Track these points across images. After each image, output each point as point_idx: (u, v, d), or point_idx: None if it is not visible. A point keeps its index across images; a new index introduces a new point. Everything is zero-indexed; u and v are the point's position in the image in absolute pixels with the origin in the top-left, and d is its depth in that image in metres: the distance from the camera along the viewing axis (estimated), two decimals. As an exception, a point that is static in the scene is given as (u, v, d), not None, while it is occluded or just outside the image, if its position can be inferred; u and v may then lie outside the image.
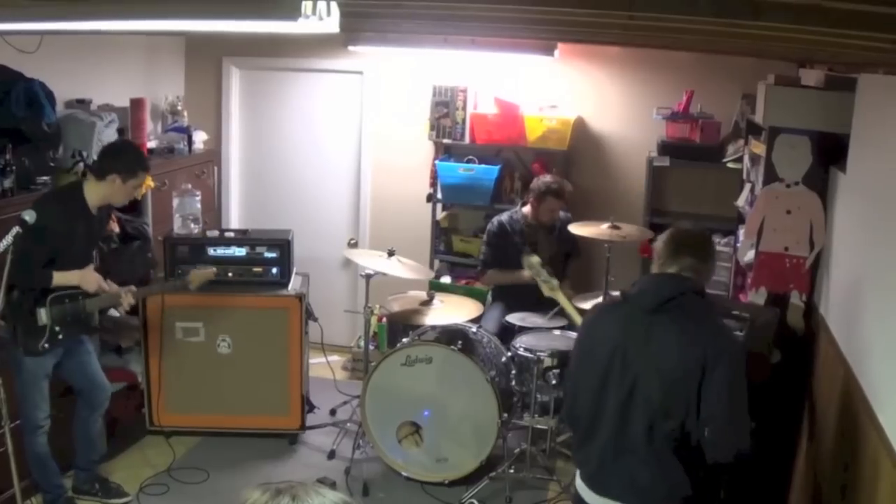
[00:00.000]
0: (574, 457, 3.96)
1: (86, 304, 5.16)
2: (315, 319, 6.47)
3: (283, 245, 6.39)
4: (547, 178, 6.61)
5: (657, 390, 3.49)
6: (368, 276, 6.23)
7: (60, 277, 5.03)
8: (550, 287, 5.14)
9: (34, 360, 5.03)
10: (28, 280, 4.91)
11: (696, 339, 3.48)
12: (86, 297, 5.15)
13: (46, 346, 5.02)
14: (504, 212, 6.86)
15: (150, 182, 6.30)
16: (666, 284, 3.64)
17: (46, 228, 4.80)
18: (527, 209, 6.69)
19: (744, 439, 3.48)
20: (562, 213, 6.75)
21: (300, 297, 6.30)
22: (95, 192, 5.17)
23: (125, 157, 5.26)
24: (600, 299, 6.00)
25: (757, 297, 5.44)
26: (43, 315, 4.99)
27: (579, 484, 3.77)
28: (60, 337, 5.08)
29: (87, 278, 5.16)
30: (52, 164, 5.80)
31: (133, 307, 5.45)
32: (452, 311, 6.22)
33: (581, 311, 4.93)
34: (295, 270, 6.57)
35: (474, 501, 5.64)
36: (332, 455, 6.27)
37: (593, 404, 3.66)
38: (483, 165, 7.31)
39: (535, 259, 5.36)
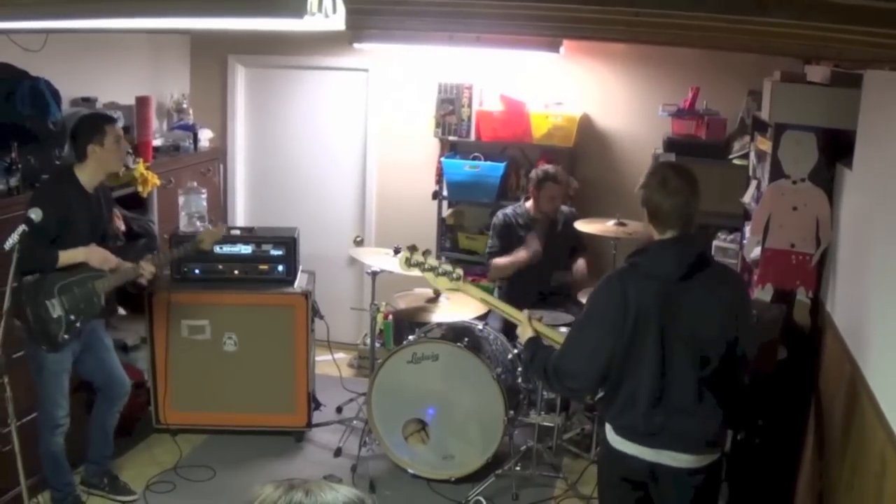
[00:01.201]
0: (607, 416, 3.95)
1: (96, 286, 5.15)
2: (321, 317, 6.47)
3: (289, 243, 6.40)
4: (546, 166, 6.63)
5: (699, 350, 3.70)
6: (374, 274, 6.24)
7: (66, 256, 5.02)
8: (450, 279, 4.33)
9: (55, 356, 5.06)
10: (34, 261, 4.90)
11: (724, 295, 3.77)
12: (94, 279, 5.14)
13: (66, 336, 5.04)
14: (507, 206, 6.86)
15: (155, 180, 6.32)
16: (684, 253, 3.75)
17: (45, 212, 4.79)
18: (530, 203, 6.70)
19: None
20: (566, 209, 6.76)
21: (306, 295, 6.30)
22: (86, 172, 5.19)
23: (84, 125, 5.29)
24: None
25: (763, 293, 5.43)
26: (56, 306, 5.00)
27: (617, 440, 3.87)
28: (78, 325, 5.09)
29: (93, 254, 5.16)
30: (57, 163, 5.80)
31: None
32: (459, 308, 6.22)
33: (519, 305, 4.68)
34: (301, 268, 6.57)
35: (480, 499, 5.64)
36: (338, 452, 6.28)
37: (630, 369, 3.75)
38: (489, 162, 7.31)
39: (415, 251, 4.43)
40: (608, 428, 3.94)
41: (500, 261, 6.67)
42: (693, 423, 3.75)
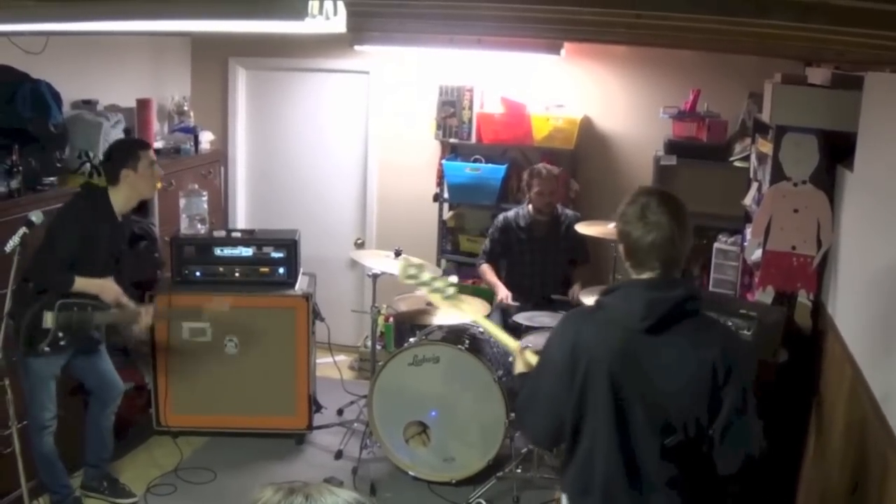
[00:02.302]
0: (563, 479, 3.43)
1: (94, 317, 5.14)
2: (322, 319, 6.47)
3: (289, 245, 6.39)
4: (536, 165, 6.66)
5: (660, 416, 3.10)
6: (375, 276, 6.24)
7: (81, 283, 5.04)
8: (442, 296, 4.01)
9: (40, 360, 5.04)
10: (49, 280, 4.97)
11: (703, 357, 3.08)
12: (96, 309, 5.14)
13: (47, 349, 5.00)
14: (511, 209, 6.88)
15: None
16: (657, 300, 3.09)
17: (73, 229, 4.93)
18: (531, 205, 6.71)
19: (755, 444, 3.20)
20: (569, 212, 6.76)
21: (307, 297, 6.30)
22: (119, 197, 5.23)
23: (118, 150, 5.34)
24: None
25: (764, 296, 5.43)
26: (49, 318, 4.98)
27: None
28: (62, 343, 5.06)
29: (108, 289, 5.19)
30: (58, 165, 5.81)
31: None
32: (459, 310, 6.21)
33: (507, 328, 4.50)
34: (302, 270, 6.57)
35: (482, 501, 5.64)
36: (339, 455, 6.28)
37: (584, 428, 3.21)
38: (489, 165, 7.31)
39: (409, 265, 4.10)
40: (560, 489, 3.49)
41: (488, 275, 6.83)
42: (652, 498, 3.18)
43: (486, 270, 6.84)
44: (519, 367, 3.71)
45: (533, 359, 3.64)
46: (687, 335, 3.10)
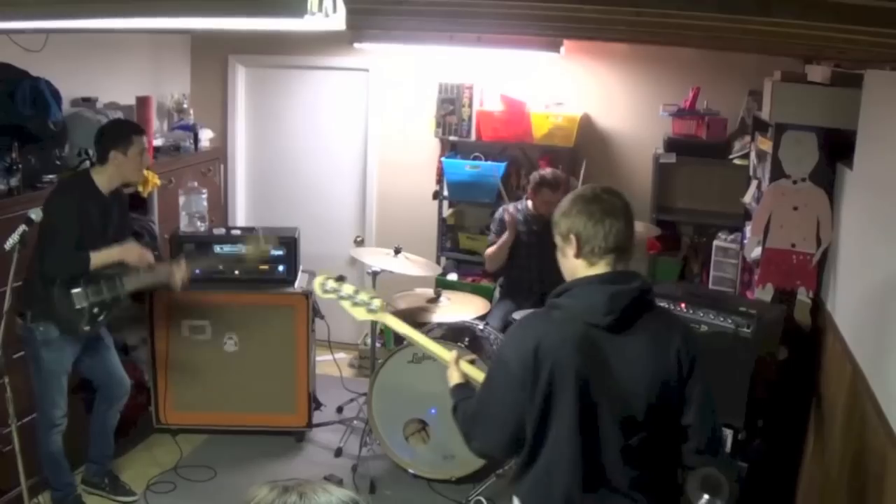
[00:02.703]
0: (518, 489, 3.28)
1: (125, 283, 5.16)
2: (322, 317, 6.47)
3: (289, 242, 6.39)
4: (544, 171, 6.62)
5: (626, 413, 3.04)
6: (375, 274, 6.24)
7: (99, 257, 5.04)
8: (367, 310, 3.80)
9: (53, 354, 5.05)
10: (66, 268, 4.97)
11: (666, 348, 3.08)
12: (122, 276, 5.16)
13: (87, 328, 5.05)
14: (511, 203, 6.86)
15: (156, 180, 6.31)
16: (618, 295, 3.04)
17: (65, 212, 4.93)
18: (530, 202, 6.70)
19: (717, 439, 3.25)
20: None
21: (307, 295, 6.30)
22: (103, 176, 5.20)
23: (112, 131, 5.33)
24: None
25: (764, 293, 5.43)
26: (78, 298, 4.99)
27: None
28: (101, 319, 5.10)
29: (130, 252, 5.21)
30: (58, 163, 5.81)
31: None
32: (459, 308, 6.22)
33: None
34: (301, 268, 6.57)
35: (481, 499, 5.64)
36: (339, 453, 6.28)
37: (547, 435, 3.08)
38: (489, 162, 7.31)
39: (326, 278, 3.94)
40: (515, 499, 3.29)
41: (490, 250, 6.69)
42: (618, 500, 3.10)
43: (489, 250, 6.74)
44: (455, 379, 3.53)
45: (469, 369, 3.53)
46: (648, 328, 3.07)
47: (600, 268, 3.10)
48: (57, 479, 5.30)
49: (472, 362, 3.60)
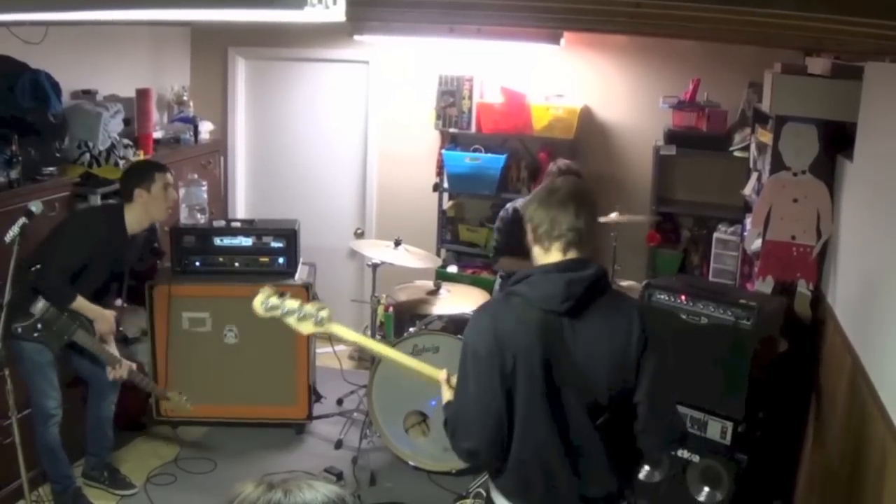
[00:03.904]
0: (494, 477, 3.35)
1: (75, 332, 5.14)
2: (322, 309, 6.46)
3: (289, 235, 6.39)
4: (564, 161, 6.52)
5: (589, 395, 3.12)
6: (375, 266, 6.24)
7: (79, 304, 5.11)
8: (314, 322, 3.68)
9: (33, 346, 5.03)
10: (49, 289, 5.00)
11: (619, 330, 3.14)
12: (82, 327, 5.16)
13: (19, 330, 4.97)
14: (517, 199, 6.80)
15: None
16: (573, 281, 3.11)
17: (85, 244, 5.04)
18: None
19: (672, 429, 3.29)
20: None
21: (307, 287, 6.30)
22: (131, 215, 5.31)
23: (134, 170, 5.47)
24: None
25: (764, 285, 5.43)
26: (38, 307, 4.97)
27: None
28: (35, 335, 5.03)
29: (104, 322, 5.27)
30: (57, 155, 5.81)
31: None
32: (459, 300, 6.22)
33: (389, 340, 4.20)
34: (301, 260, 6.57)
35: (481, 491, 5.64)
36: (339, 445, 6.29)
37: (517, 421, 3.15)
38: (489, 155, 7.31)
39: (266, 299, 3.79)
40: (493, 490, 3.37)
41: (513, 262, 6.61)
42: (592, 478, 3.19)
43: (508, 262, 6.71)
44: (447, 396, 3.49)
45: None
46: (602, 311, 3.15)
47: (553, 255, 3.20)
48: (55, 472, 5.30)
49: None
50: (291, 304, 3.70)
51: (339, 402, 6.94)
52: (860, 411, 3.95)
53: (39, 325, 5.01)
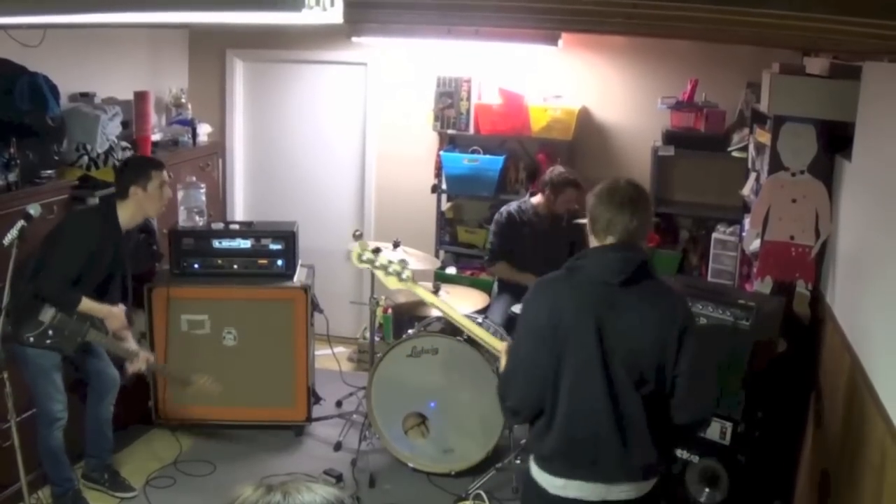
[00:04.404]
0: (537, 444, 3.58)
1: (88, 332, 5.13)
2: (321, 311, 6.48)
3: (288, 237, 6.39)
4: (563, 170, 6.56)
5: (636, 366, 3.39)
6: (374, 267, 6.24)
7: (87, 305, 5.09)
8: (398, 279, 4.31)
9: (37, 351, 5.02)
10: (56, 298, 4.99)
11: (665, 311, 3.48)
12: (93, 326, 5.16)
13: (31, 339, 4.97)
14: (511, 202, 6.83)
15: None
16: (628, 259, 3.46)
17: (84, 247, 5.04)
18: (537, 199, 6.67)
19: (704, 408, 3.63)
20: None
21: (305, 289, 6.30)
22: (125, 211, 5.30)
23: (132, 166, 5.45)
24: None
25: (763, 286, 5.43)
26: (48, 314, 4.97)
27: (550, 480, 3.53)
28: (48, 342, 5.03)
29: (115, 318, 5.27)
30: (56, 158, 5.80)
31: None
32: (458, 301, 6.20)
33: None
34: (300, 262, 6.57)
35: (481, 492, 5.64)
36: (338, 447, 6.28)
37: (565, 386, 3.42)
38: (488, 156, 7.31)
39: (363, 251, 4.45)
40: (534, 465, 3.61)
41: (509, 270, 6.66)
42: (636, 448, 3.45)
43: (504, 268, 6.76)
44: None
45: None
46: (651, 291, 3.50)
47: (609, 240, 3.54)
48: (56, 475, 5.30)
49: None
50: (383, 259, 4.32)
51: (339, 403, 6.93)
52: (859, 411, 3.95)
53: (50, 332, 5.01)
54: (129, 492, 5.66)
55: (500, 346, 3.96)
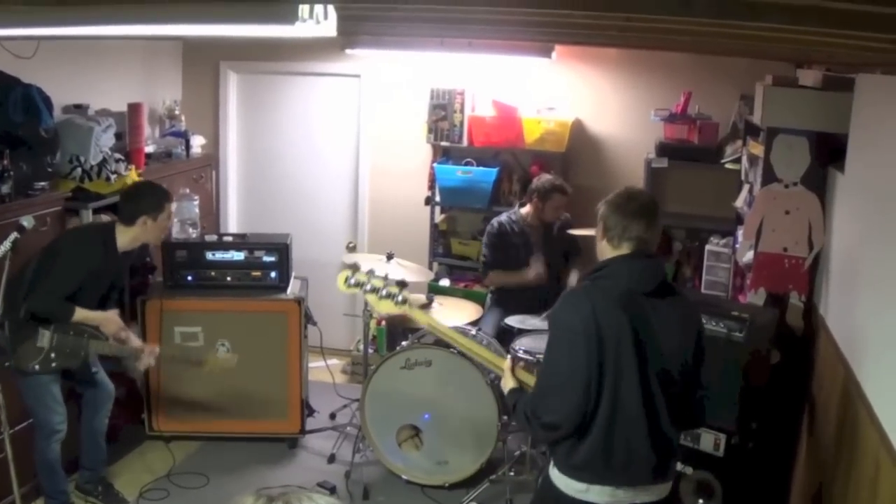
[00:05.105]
0: (563, 452, 3.54)
1: (89, 344, 5.15)
2: (314, 323, 6.47)
3: (281, 249, 6.38)
4: (549, 177, 6.62)
5: (666, 369, 3.47)
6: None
7: (82, 315, 5.08)
8: (395, 303, 3.85)
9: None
10: (49, 309, 5.00)
11: (690, 316, 3.63)
12: (92, 337, 5.16)
13: (37, 367, 5.00)
14: (502, 213, 6.85)
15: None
16: (652, 268, 3.56)
17: (81, 269, 5.02)
18: (526, 210, 6.69)
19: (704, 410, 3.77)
20: (563, 214, 6.76)
21: (299, 301, 6.29)
22: (125, 236, 5.28)
23: (148, 196, 5.36)
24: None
25: (756, 297, 5.44)
26: (45, 338, 4.99)
27: (575, 486, 3.52)
28: (53, 365, 5.05)
29: (110, 323, 5.24)
30: (49, 170, 5.79)
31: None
32: (451, 313, 6.22)
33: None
34: (294, 274, 6.56)
35: (475, 504, 5.65)
36: (332, 459, 6.27)
37: (607, 399, 3.40)
38: (481, 168, 7.31)
39: (352, 274, 3.93)
40: (556, 471, 3.60)
41: (502, 276, 6.68)
42: (667, 450, 3.54)
43: (498, 275, 6.77)
44: (510, 384, 3.75)
45: (524, 375, 3.77)
46: (670, 299, 3.56)
47: (624, 249, 3.55)
48: (52, 487, 5.29)
49: (524, 367, 3.91)
50: (376, 282, 3.90)
51: (332, 416, 6.92)
52: (853, 422, 3.95)
53: (53, 355, 5.03)
54: None
55: (504, 364, 3.84)
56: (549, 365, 3.54)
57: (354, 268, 3.94)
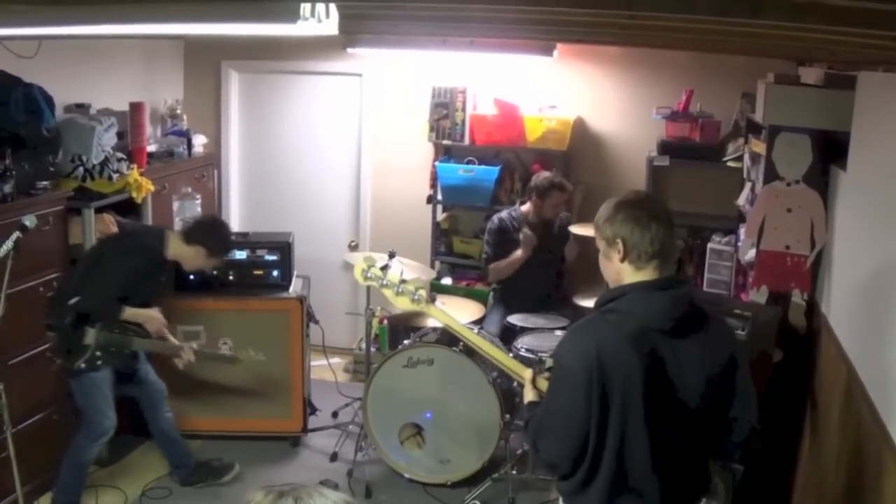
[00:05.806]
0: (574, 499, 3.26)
1: (133, 342, 5.28)
2: (316, 322, 6.47)
3: (283, 247, 6.39)
4: (547, 174, 6.61)
5: (688, 407, 3.08)
6: (369, 278, 6.23)
7: (129, 312, 5.22)
8: (411, 300, 3.79)
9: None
10: (99, 308, 5.13)
11: (719, 354, 3.15)
12: (137, 335, 5.28)
13: (83, 366, 5.10)
14: (502, 210, 6.85)
15: (149, 186, 6.31)
16: (676, 299, 3.08)
17: (137, 276, 5.22)
18: (526, 207, 6.69)
19: (754, 430, 3.31)
20: (563, 213, 6.76)
21: (301, 300, 6.30)
22: (177, 250, 5.44)
23: (218, 236, 5.57)
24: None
25: (758, 296, 5.43)
26: (90, 335, 5.10)
27: None
28: (99, 363, 5.15)
29: (153, 321, 5.38)
30: (51, 169, 5.79)
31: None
32: (454, 312, 6.14)
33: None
34: (296, 273, 6.57)
35: (477, 503, 5.64)
36: (334, 457, 6.27)
37: (610, 452, 3.06)
38: (483, 166, 7.31)
39: (368, 268, 3.92)
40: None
41: (498, 263, 6.67)
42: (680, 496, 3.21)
43: (496, 267, 6.75)
44: (529, 396, 3.47)
45: (546, 386, 3.43)
46: (701, 330, 3.12)
47: (647, 273, 3.10)
48: (71, 486, 5.33)
49: (547, 378, 3.48)
50: (393, 277, 3.81)
51: (335, 414, 6.92)
52: (856, 421, 3.95)
53: (98, 353, 5.14)
54: (230, 471, 5.87)
55: (526, 374, 3.55)
56: (549, 402, 3.21)
57: (370, 260, 3.90)
